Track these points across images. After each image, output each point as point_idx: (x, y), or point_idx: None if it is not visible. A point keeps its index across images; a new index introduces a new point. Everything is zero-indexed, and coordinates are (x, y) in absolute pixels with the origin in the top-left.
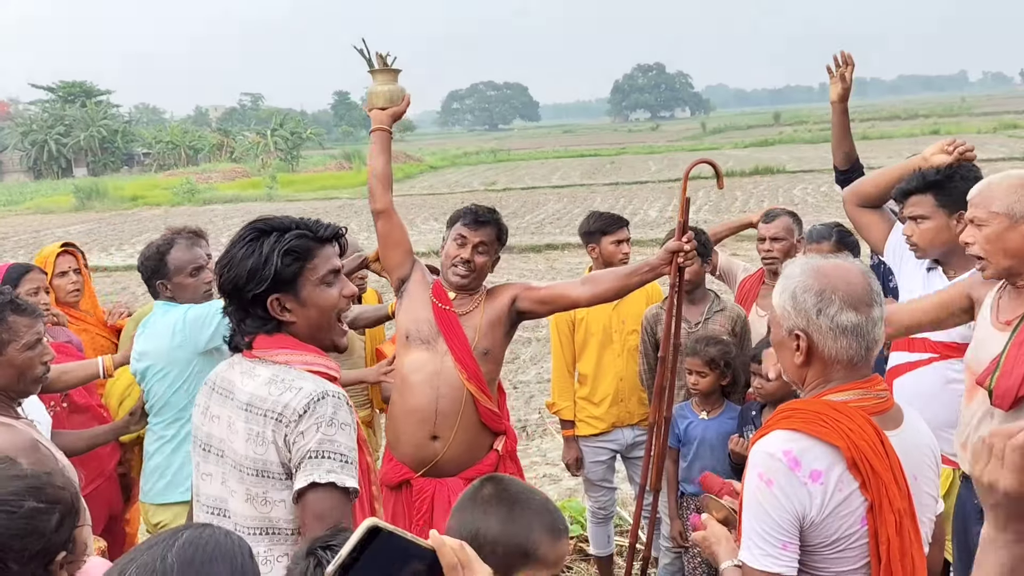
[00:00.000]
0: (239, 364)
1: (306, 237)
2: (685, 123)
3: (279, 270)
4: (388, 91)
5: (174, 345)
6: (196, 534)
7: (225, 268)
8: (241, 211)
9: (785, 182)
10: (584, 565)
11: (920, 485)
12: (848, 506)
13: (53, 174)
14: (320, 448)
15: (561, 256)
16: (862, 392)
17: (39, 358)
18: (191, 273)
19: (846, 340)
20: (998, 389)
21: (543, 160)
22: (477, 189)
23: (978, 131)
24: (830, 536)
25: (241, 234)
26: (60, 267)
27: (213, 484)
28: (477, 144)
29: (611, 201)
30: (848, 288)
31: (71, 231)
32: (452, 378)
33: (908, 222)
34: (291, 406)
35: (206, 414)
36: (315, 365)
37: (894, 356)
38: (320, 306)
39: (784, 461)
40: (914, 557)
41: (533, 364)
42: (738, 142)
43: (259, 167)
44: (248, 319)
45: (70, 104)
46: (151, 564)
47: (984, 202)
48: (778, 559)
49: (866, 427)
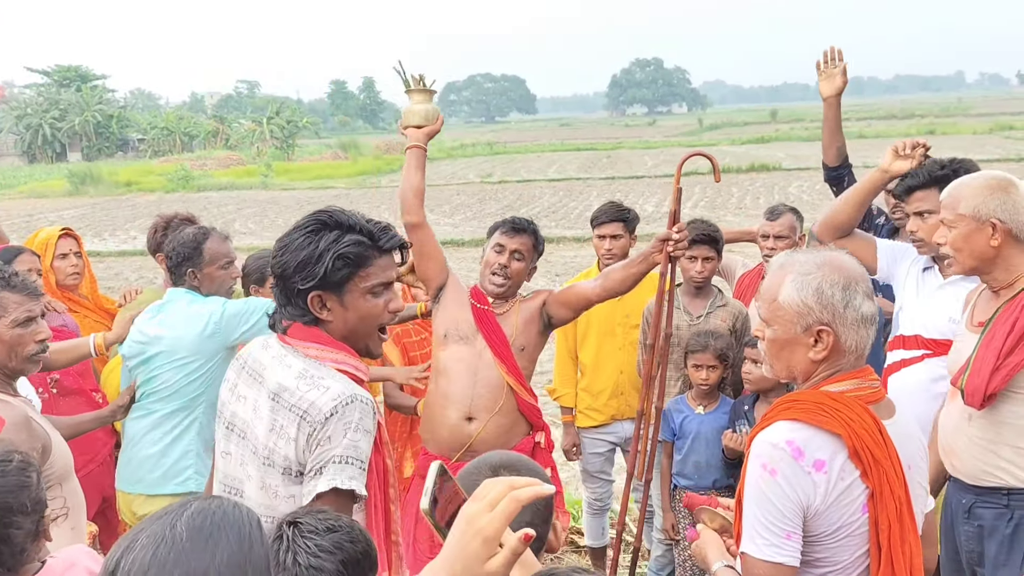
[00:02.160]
0: (273, 347)
1: (365, 244)
2: (682, 119)
3: (328, 272)
4: (425, 110)
5: (205, 335)
6: (205, 504)
7: (280, 251)
8: (236, 199)
9: (781, 179)
10: (575, 557)
11: (913, 475)
12: (850, 495)
13: (47, 158)
14: (345, 454)
15: (556, 249)
16: (858, 382)
17: (32, 336)
18: (223, 266)
19: (866, 330)
20: (968, 388)
21: (539, 153)
22: (473, 181)
23: (974, 132)
24: (832, 525)
25: (304, 222)
26: (61, 249)
27: (232, 464)
28: (474, 136)
29: (607, 195)
30: (863, 278)
31: (64, 216)
32: (491, 368)
33: (912, 218)
34: (317, 405)
35: (234, 392)
36: (345, 365)
37: (890, 354)
38: (361, 314)
39: (788, 451)
40: (912, 544)
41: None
42: (735, 139)
43: (254, 155)
44: (289, 306)
45: (65, 88)
46: (160, 533)
47: (952, 203)
48: (781, 549)
49: (865, 416)
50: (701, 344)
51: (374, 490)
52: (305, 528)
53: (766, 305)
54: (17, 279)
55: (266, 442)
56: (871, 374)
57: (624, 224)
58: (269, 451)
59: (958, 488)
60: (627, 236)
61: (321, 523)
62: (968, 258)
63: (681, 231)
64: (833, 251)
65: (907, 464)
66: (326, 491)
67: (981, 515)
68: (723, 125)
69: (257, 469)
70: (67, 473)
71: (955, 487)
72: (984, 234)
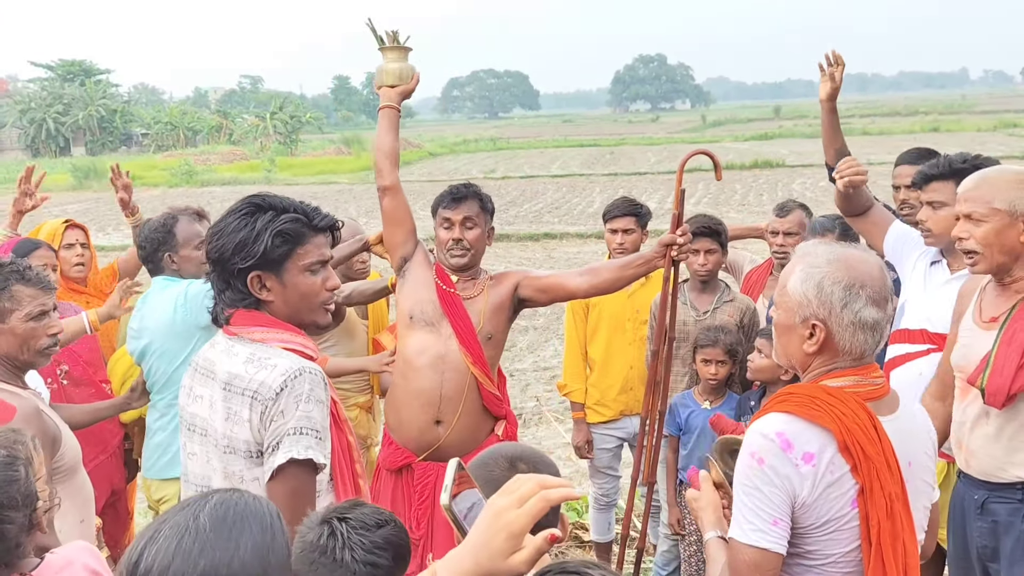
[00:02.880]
0: (220, 343)
1: (301, 222)
2: (685, 115)
3: (267, 249)
4: (398, 68)
5: (176, 320)
6: (227, 496)
7: (215, 236)
8: (239, 194)
9: (784, 176)
10: (579, 552)
11: (915, 471)
12: (839, 488)
13: (51, 152)
14: (299, 425)
15: (559, 246)
16: (858, 378)
17: (44, 330)
18: (197, 246)
19: (863, 335)
20: (990, 387)
21: (542, 149)
22: (476, 176)
23: (978, 129)
24: (821, 517)
25: (237, 206)
26: (67, 239)
27: (198, 463)
28: (477, 132)
29: (610, 192)
30: (874, 283)
31: (68, 210)
32: (457, 362)
33: (924, 207)
34: (267, 383)
35: (190, 394)
36: (291, 343)
37: (892, 348)
38: (301, 292)
39: (777, 442)
40: (905, 541)
41: (530, 352)
42: (738, 135)
43: (258, 150)
44: (228, 291)
45: (69, 83)
46: (184, 524)
47: (983, 197)
48: (767, 534)
49: (859, 411)
50: (711, 339)
51: (341, 468)
52: (355, 523)
53: (779, 288)
54: (31, 273)
55: (224, 432)
56: (874, 371)
57: (636, 219)
58: (228, 439)
59: (970, 484)
60: (639, 231)
61: (369, 517)
62: (998, 253)
63: (685, 234)
64: (855, 249)
65: (907, 460)
66: (284, 463)
67: (995, 511)
68: (726, 122)
69: (220, 460)
70: (76, 465)
71: (967, 483)
72: (1016, 229)
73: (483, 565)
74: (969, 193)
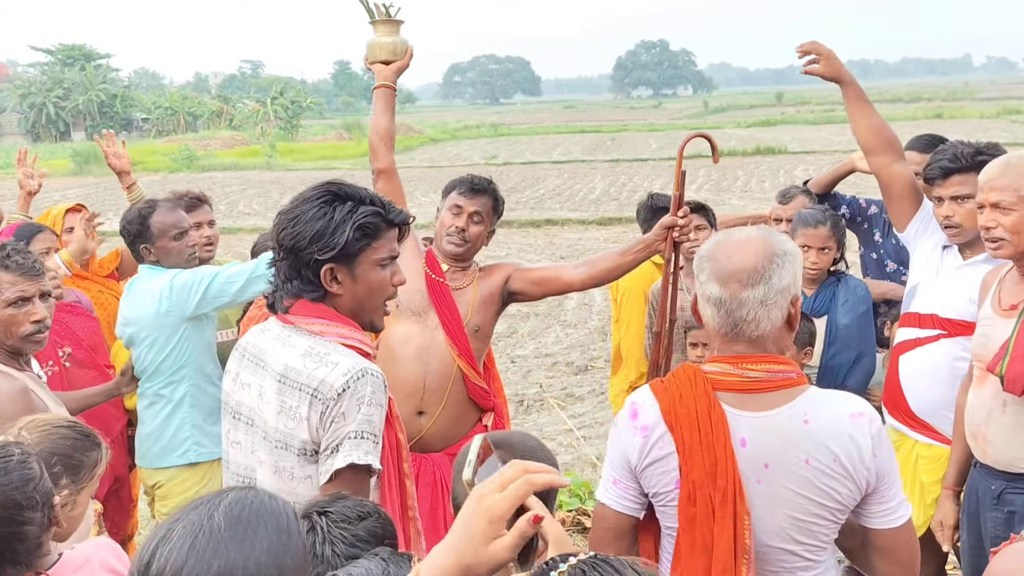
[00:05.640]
0: (273, 330)
1: (379, 216)
2: (687, 101)
3: (348, 242)
4: (392, 43)
5: (161, 312)
6: (242, 495)
7: (290, 222)
8: (240, 179)
9: (787, 162)
10: (579, 537)
11: (775, 476)
12: (666, 465)
13: (51, 137)
14: (360, 429)
15: (560, 232)
16: (728, 367)
17: (26, 317)
18: (174, 237)
19: (710, 310)
20: (1009, 374)
21: (544, 135)
22: (477, 163)
23: (981, 116)
24: (651, 488)
25: (315, 192)
26: (68, 224)
27: (242, 452)
28: (478, 117)
29: (611, 178)
30: (725, 262)
31: (69, 195)
32: (442, 353)
33: (948, 202)
34: (328, 382)
35: (236, 380)
36: (350, 339)
37: (901, 332)
38: (371, 287)
39: (629, 410)
40: (715, 534)
41: (531, 339)
42: (740, 121)
43: (258, 135)
44: (296, 280)
45: (69, 67)
46: (198, 523)
47: (1012, 185)
48: (607, 491)
49: (700, 398)
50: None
51: (387, 465)
52: (336, 517)
53: None
54: (13, 259)
55: (276, 425)
56: (750, 362)
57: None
58: (281, 434)
59: (986, 474)
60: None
61: (351, 511)
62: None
63: (686, 216)
64: (746, 234)
65: (764, 462)
66: (343, 467)
67: (1012, 501)
68: (729, 108)
69: (269, 454)
70: None
71: (983, 473)
72: None
73: (465, 556)
74: (995, 182)
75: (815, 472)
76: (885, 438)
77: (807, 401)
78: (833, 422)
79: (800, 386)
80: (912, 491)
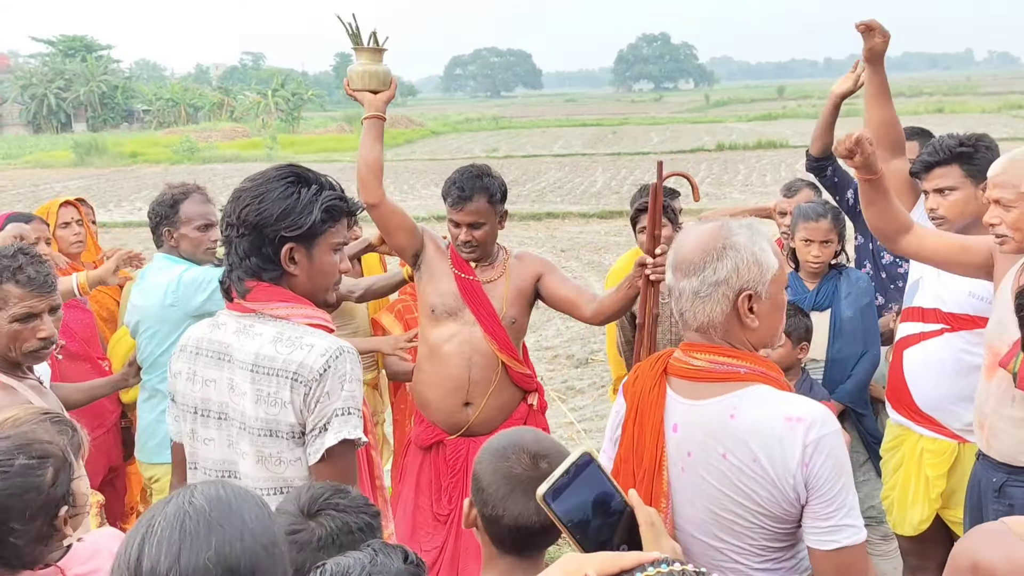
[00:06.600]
0: (229, 323)
1: (342, 201)
2: (689, 95)
3: (315, 223)
4: (383, 72)
5: (166, 304)
6: (211, 482)
7: (255, 199)
8: (241, 171)
9: (788, 156)
10: None
11: (695, 466)
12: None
13: (52, 128)
14: (345, 405)
15: (562, 225)
16: (680, 353)
17: (31, 333)
18: (199, 227)
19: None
20: (1023, 372)
21: (545, 128)
22: (479, 156)
23: (983, 110)
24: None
25: (279, 173)
26: (63, 218)
27: (218, 448)
28: (479, 111)
29: (612, 171)
30: (677, 251)
31: (70, 186)
32: (483, 347)
33: (932, 195)
34: (307, 364)
35: (194, 379)
36: (315, 319)
37: (904, 327)
38: (324, 269)
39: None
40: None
41: (532, 332)
42: (741, 115)
43: (259, 127)
44: (255, 257)
45: (70, 58)
46: (179, 509)
47: (1011, 182)
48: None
49: (651, 378)
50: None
51: None
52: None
53: None
54: (25, 272)
55: (256, 414)
56: (697, 351)
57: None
58: (264, 422)
59: (989, 466)
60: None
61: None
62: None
63: (662, 255)
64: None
65: (687, 450)
66: (335, 444)
67: (1013, 494)
68: (730, 101)
69: (251, 444)
70: None
71: (985, 465)
72: None
73: None
74: (997, 178)
75: (732, 468)
76: (830, 450)
77: (742, 397)
78: (760, 421)
79: (745, 381)
80: (917, 486)
